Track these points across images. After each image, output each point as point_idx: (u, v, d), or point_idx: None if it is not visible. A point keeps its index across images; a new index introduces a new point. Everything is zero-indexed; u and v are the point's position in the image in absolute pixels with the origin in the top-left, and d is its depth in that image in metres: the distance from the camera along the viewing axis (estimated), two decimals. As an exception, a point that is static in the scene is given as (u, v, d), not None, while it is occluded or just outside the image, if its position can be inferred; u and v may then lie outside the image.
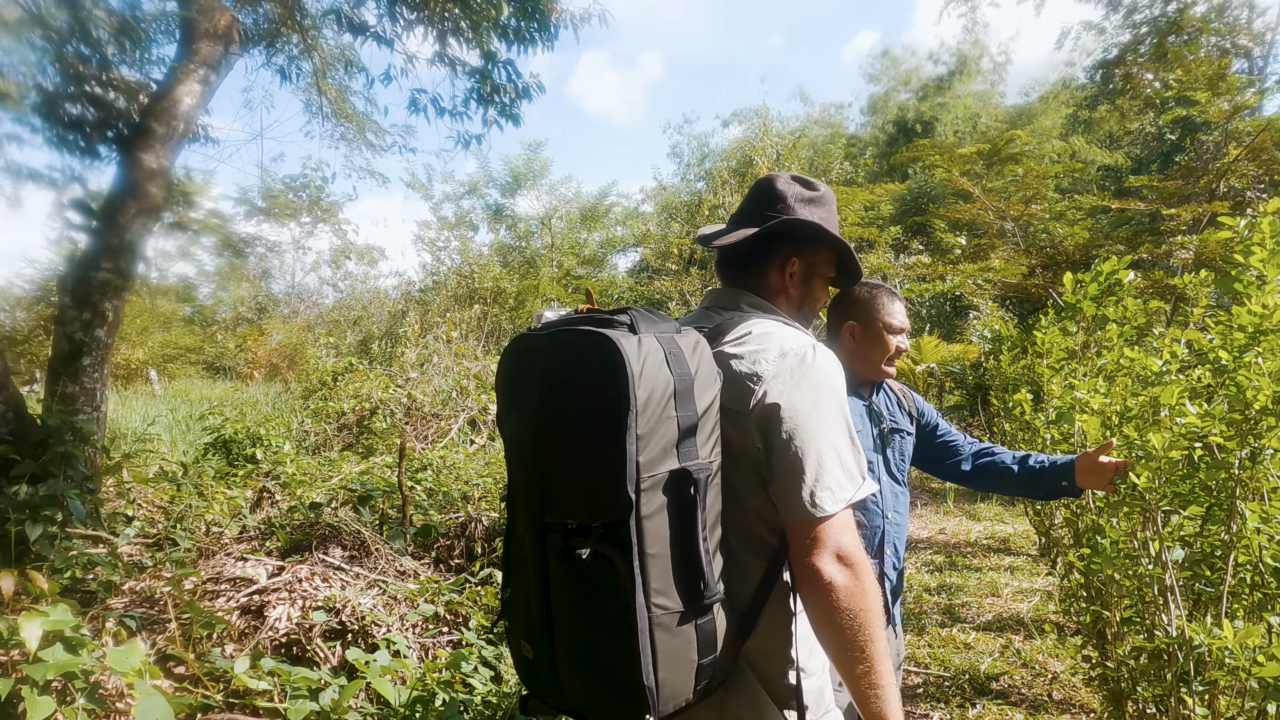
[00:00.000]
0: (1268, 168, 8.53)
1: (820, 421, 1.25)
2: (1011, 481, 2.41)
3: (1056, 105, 27.04)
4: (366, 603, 3.62)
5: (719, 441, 1.23)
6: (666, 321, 1.26)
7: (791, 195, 1.55)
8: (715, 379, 1.24)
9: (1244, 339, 2.28)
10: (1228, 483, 2.20)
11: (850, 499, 1.23)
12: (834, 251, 1.60)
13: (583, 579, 1.15)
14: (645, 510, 1.09)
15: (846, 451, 1.27)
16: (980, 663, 3.93)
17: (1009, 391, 6.62)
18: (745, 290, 1.55)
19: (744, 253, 1.56)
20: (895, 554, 2.33)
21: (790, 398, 1.25)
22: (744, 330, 1.39)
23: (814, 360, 1.31)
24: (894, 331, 2.36)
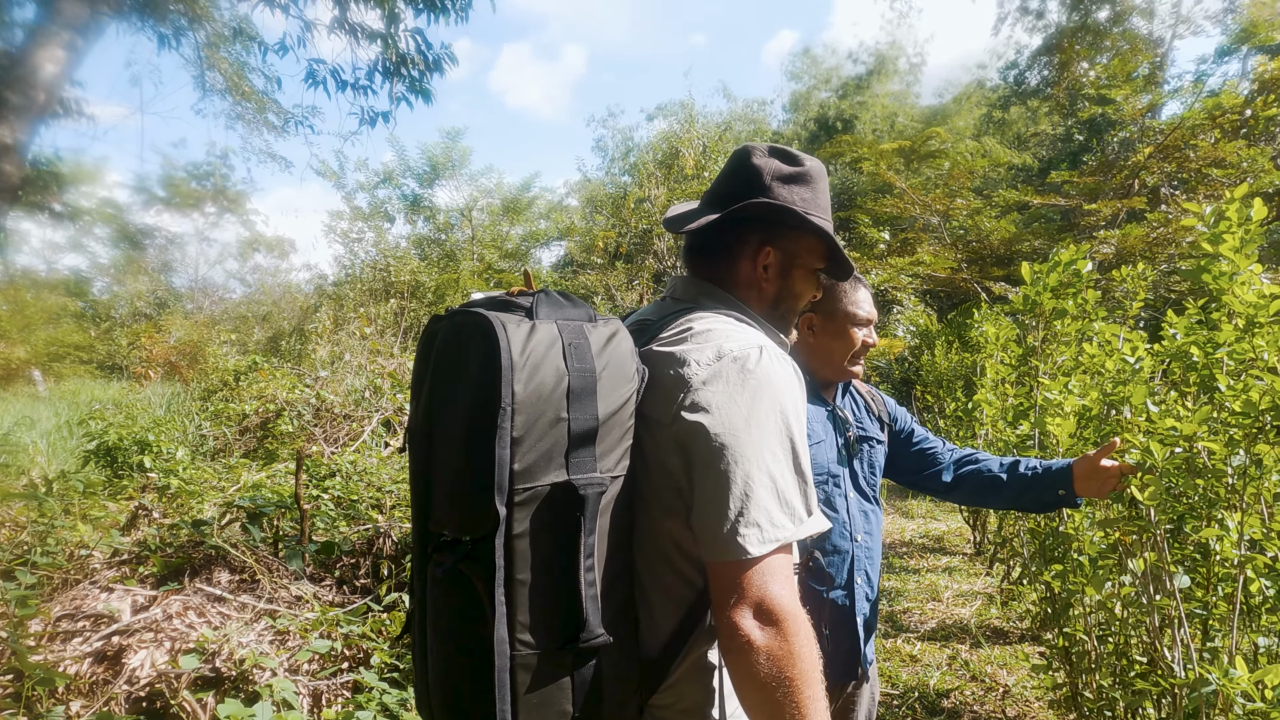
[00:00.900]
0: (1179, 164, 8.75)
1: (755, 440, 1.05)
2: (1001, 493, 2.10)
3: (969, 106, 27.83)
4: (250, 640, 3.14)
5: (629, 454, 1.06)
6: (579, 308, 1.10)
7: (768, 172, 1.32)
8: (630, 379, 1.07)
9: (1235, 332, 2.07)
10: (1225, 494, 1.98)
11: (787, 539, 1.02)
12: (820, 239, 1.36)
13: (446, 603, 1.02)
14: (517, 527, 0.95)
15: (787, 480, 1.07)
16: (929, 677, 3.72)
17: (943, 387, 6.54)
18: (710, 281, 1.35)
19: (711, 240, 1.35)
20: (867, 583, 2.02)
21: (720, 409, 1.05)
22: (683, 326, 1.19)
23: (758, 365, 1.10)
24: (859, 323, 2.05)
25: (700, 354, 1.09)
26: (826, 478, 1.98)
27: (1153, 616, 1.92)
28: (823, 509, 1.98)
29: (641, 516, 1.10)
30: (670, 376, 1.08)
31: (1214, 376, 2.26)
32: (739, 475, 1.01)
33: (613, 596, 1.03)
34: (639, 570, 1.11)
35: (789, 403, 1.09)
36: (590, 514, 0.98)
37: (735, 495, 1.00)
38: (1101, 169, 9.69)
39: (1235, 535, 1.94)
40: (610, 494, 1.02)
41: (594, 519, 0.99)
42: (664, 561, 1.10)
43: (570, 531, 0.98)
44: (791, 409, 1.09)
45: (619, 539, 1.05)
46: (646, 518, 1.10)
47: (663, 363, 1.11)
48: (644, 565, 1.11)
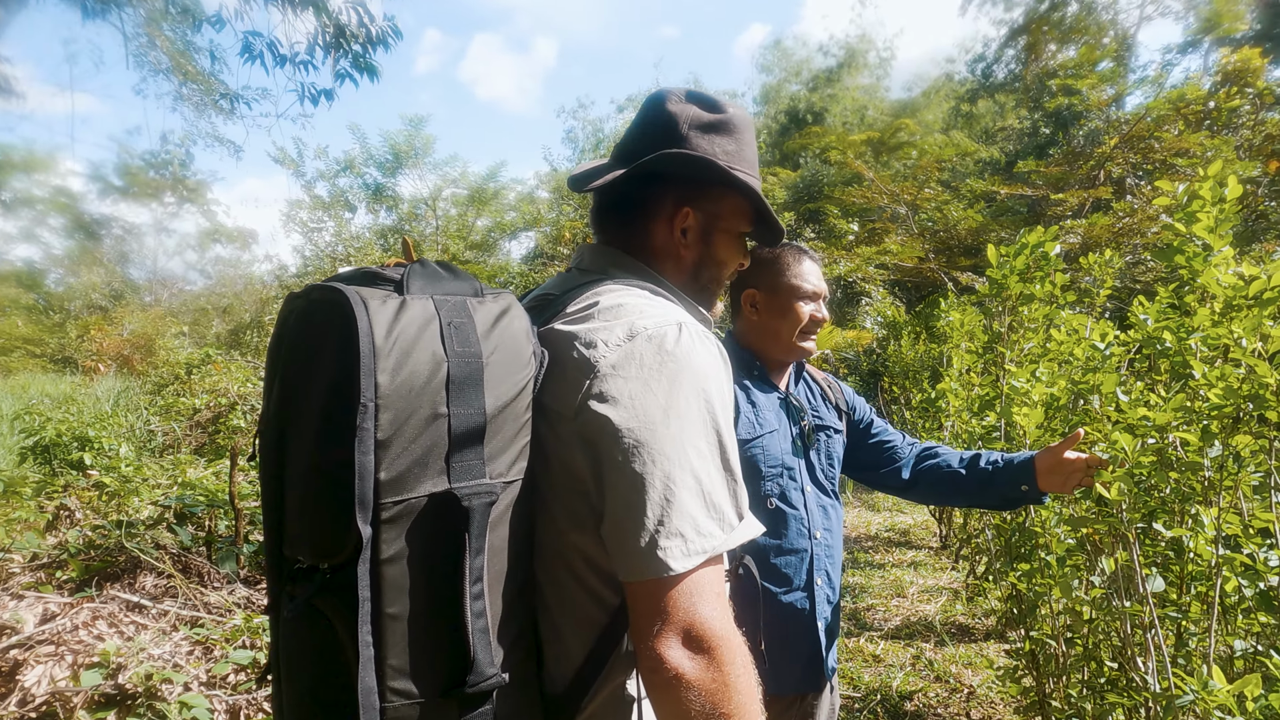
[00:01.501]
0: (1144, 155, 8.74)
1: (675, 435, 0.88)
2: (961, 490, 1.94)
3: (938, 99, 27.95)
4: (165, 651, 2.90)
5: (526, 454, 0.90)
6: (462, 280, 0.93)
7: (684, 119, 1.14)
8: (526, 364, 0.90)
9: (1212, 316, 1.93)
10: (1201, 489, 1.84)
11: (715, 549, 0.87)
12: (747, 197, 1.19)
13: (302, 645, 0.86)
14: (386, 550, 0.78)
15: (714, 480, 0.90)
16: (892, 678, 3.57)
17: (909, 378, 6.43)
18: (621, 249, 1.17)
19: (621, 200, 1.17)
20: (828, 583, 1.86)
21: (633, 399, 0.89)
22: (589, 300, 1.02)
23: (677, 345, 0.93)
24: (805, 297, 1.87)
25: (609, 333, 0.93)
26: (781, 470, 1.81)
27: (1124, 622, 1.76)
28: (779, 505, 1.81)
29: (544, 527, 0.94)
30: (574, 361, 0.92)
31: (1187, 364, 2.13)
32: (657, 477, 0.85)
33: (510, 625, 0.88)
34: (543, 589, 0.96)
35: (714, 389, 0.93)
36: (477, 529, 0.82)
37: (653, 501, 0.84)
38: (1068, 159, 9.68)
39: (1211, 532, 1.80)
40: (504, 503, 0.86)
41: (482, 535, 0.83)
42: (572, 578, 0.94)
43: (454, 551, 0.81)
44: (717, 396, 0.93)
45: (517, 555, 0.89)
46: (550, 528, 0.94)
47: (565, 345, 0.94)
48: (549, 583, 0.95)
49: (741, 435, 1.78)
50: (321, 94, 4.87)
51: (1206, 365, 2.01)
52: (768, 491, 1.80)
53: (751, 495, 1.80)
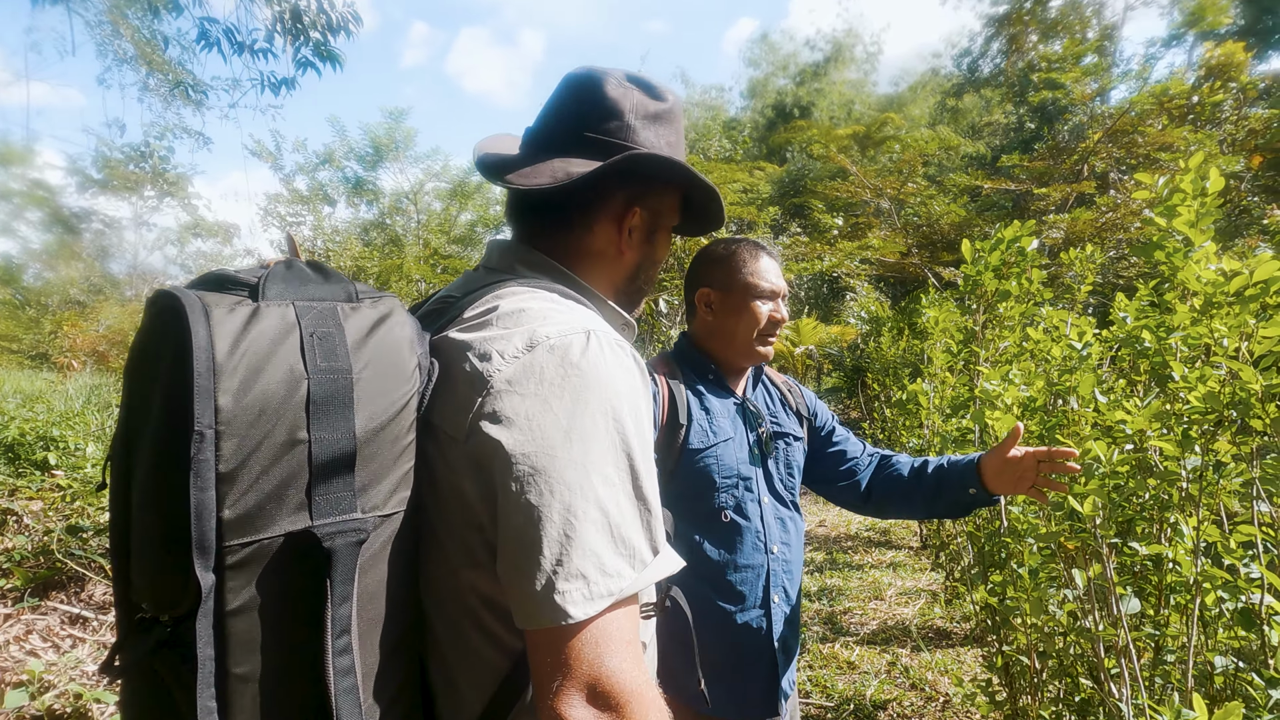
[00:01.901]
0: (1128, 149, 8.68)
1: (578, 460, 0.77)
2: (914, 501, 1.81)
3: (925, 94, 27.95)
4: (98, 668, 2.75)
5: (410, 482, 0.79)
6: (334, 283, 0.80)
7: (630, 108, 1.02)
8: (407, 379, 0.79)
9: (1191, 314, 1.82)
10: (1180, 499, 1.73)
11: (624, 591, 0.75)
12: (681, 188, 1.10)
13: (139, 708, 0.75)
14: (233, 600, 0.68)
15: (624, 511, 0.79)
16: (866, 686, 3.47)
17: (889, 375, 6.33)
18: (541, 247, 1.04)
19: (559, 197, 1.00)
20: (786, 600, 1.74)
21: (529, 419, 0.77)
22: (488, 305, 0.90)
23: (583, 356, 0.82)
24: (762, 296, 1.75)
25: (505, 343, 0.81)
26: (736, 480, 1.69)
27: (1097, 645, 1.65)
28: (733, 517, 1.70)
29: (436, 564, 0.83)
30: (465, 375, 0.80)
31: (1167, 364, 2.02)
32: (555, 509, 0.74)
33: (389, 679, 0.78)
34: (436, 634, 0.85)
35: (626, 406, 0.82)
36: (342, 573, 0.71)
37: (551, 537, 0.73)
38: (1052, 154, 9.61)
39: (1190, 543, 1.69)
40: (379, 540, 0.75)
41: (349, 579, 0.72)
42: (469, 621, 0.83)
43: (317, 599, 0.71)
44: (629, 414, 0.82)
45: (399, 598, 0.79)
46: (442, 566, 0.83)
47: (457, 356, 0.82)
48: (443, 627, 0.85)
49: (694, 444, 1.66)
50: (283, 83, 4.71)
51: (1187, 366, 1.91)
52: (722, 504, 1.68)
53: (706, 508, 1.68)
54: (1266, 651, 1.57)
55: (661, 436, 1.65)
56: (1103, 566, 1.58)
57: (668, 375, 1.73)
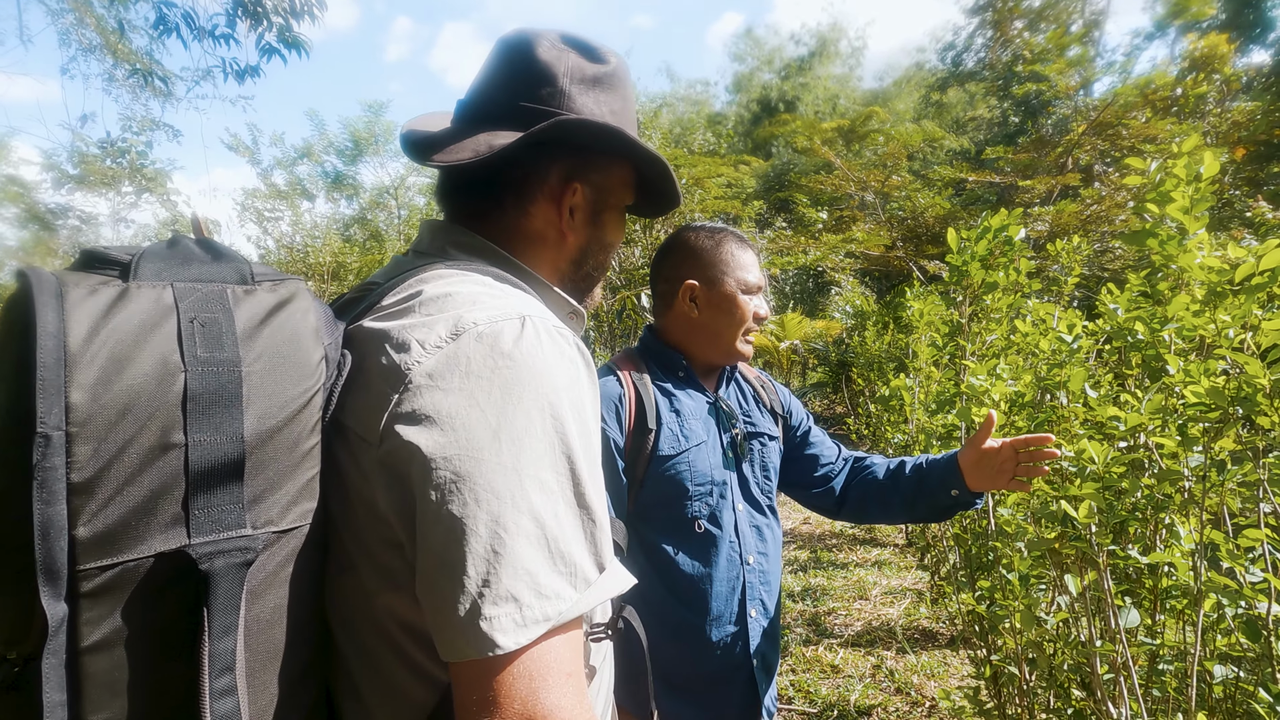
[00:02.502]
0: (1112, 142, 8.63)
1: (508, 465, 0.65)
2: (892, 505, 1.71)
3: (909, 89, 27.97)
4: None
5: (314, 492, 0.67)
6: (227, 263, 0.69)
7: (565, 71, 0.91)
8: (309, 374, 0.67)
9: (1193, 305, 1.71)
10: (1180, 500, 1.63)
11: (563, 615, 0.64)
12: (633, 164, 0.98)
13: None
14: (90, 634, 0.56)
15: (563, 522, 0.67)
16: (850, 691, 3.37)
17: (874, 370, 6.24)
18: (468, 227, 0.92)
19: (486, 173, 0.91)
20: (764, 614, 1.62)
21: (452, 417, 0.66)
22: (411, 290, 0.78)
23: (516, 345, 0.71)
24: (751, 292, 1.64)
25: (426, 332, 0.70)
26: (710, 487, 1.56)
27: (1093, 660, 1.54)
28: (707, 527, 1.57)
29: (349, 586, 0.72)
30: (380, 368, 0.69)
31: (1160, 358, 1.92)
32: (482, 522, 0.62)
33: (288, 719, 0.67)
34: (349, 666, 0.73)
35: (566, 401, 0.70)
36: (223, 600, 0.60)
37: (476, 554, 0.62)
38: (1036, 146, 9.56)
39: (1188, 545, 1.58)
40: (275, 559, 0.65)
41: (231, 608, 0.61)
42: (388, 651, 0.72)
43: (180, 635, 0.60)
44: (570, 410, 0.71)
45: (300, 625, 0.68)
46: (356, 588, 0.71)
47: (373, 347, 0.71)
48: (357, 658, 0.73)
49: (665, 450, 1.53)
50: (247, 70, 4.54)
51: (1181, 359, 1.80)
52: (695, 513, 1.55)
53: (678, 517, 1.55)
54: (1274, 664, 1.46)
55: (629, 442, 1.53)
56: (1099, 575, 1.46)
57: (634, 375, 1.60)
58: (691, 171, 12.29)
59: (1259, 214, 6.35)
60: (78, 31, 7.07)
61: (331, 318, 0.74)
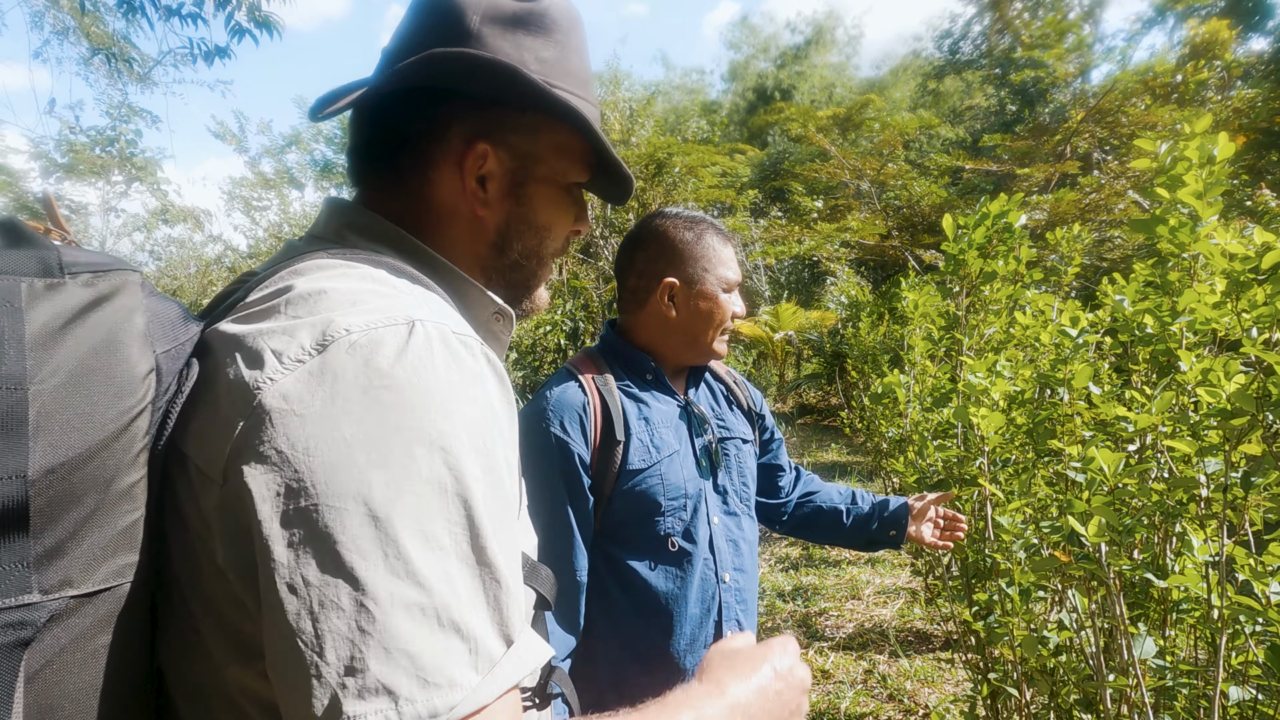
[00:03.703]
0: (1111, 130, 8.48)
1: (381, 514, 0.50)
2: (839, 532, 1.79)
3: (906, 78, 27.77)
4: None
5: (135, 542, 0.53)
6: (27, 251, 0.53)
7: (476, 7, 0.75)
8: (126, 391, 0.52)
9: (1213, 296, 1.56)
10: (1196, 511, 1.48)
11: (458, 709, 0.48)
12: (580, 131, 0.80)
13: None
14: None
15: (457, 586, 0.52)
16: (841, 698, 3.23)
17: (868, 362, 6.08)
18: (372, 204, 0.78)
19: (383, 132, 0.77)
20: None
21: (309, 453, 0.50)
22: (280, 284, 0.62)
23: (399, 360, 0.55)
24: (731, 289, 1.51)
25: (286, 340, 0.55)
26: (684, 501, 1.42)
27: (1103, 693, 1.40)
28: (681, 544, 1.42)
29: (195, 655, 0.57)
30: (229, 385, 0.54)
31: (1170, 353, 1.78)
32: (344, 592, 0.48)
33: None
34: None
35: (463, 431, 0.55)
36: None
37: (336, 634, 0.47)
38: (1034, 133, 9.41)
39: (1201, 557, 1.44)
40: (74, 630, 0.50)
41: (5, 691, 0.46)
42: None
43: None
44: (469, 442, 0.55)
45: (116, 710, 0.53)
46: (201, 660, 0.57)
47: (223, 357, 0.57)
48: None
49: (635, 464, 1.38)
50: (217, 52, 4.36)
51: (1196, 356, 1.66)
52: (668, 530, 1.40)
53: (649, 535, 1.40)
54: (1300, 694, 1.33)
55: (595, 457, 1.38)
56: (1109, 597, 1.32)
57: (597, 379, 1.44)
58: (685, 160, 12.12)
59: (1261, 202, 6.21)
60: (51, 13, 6.85)
61: (178, 318, 0.59)
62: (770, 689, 0.71)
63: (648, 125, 13.06)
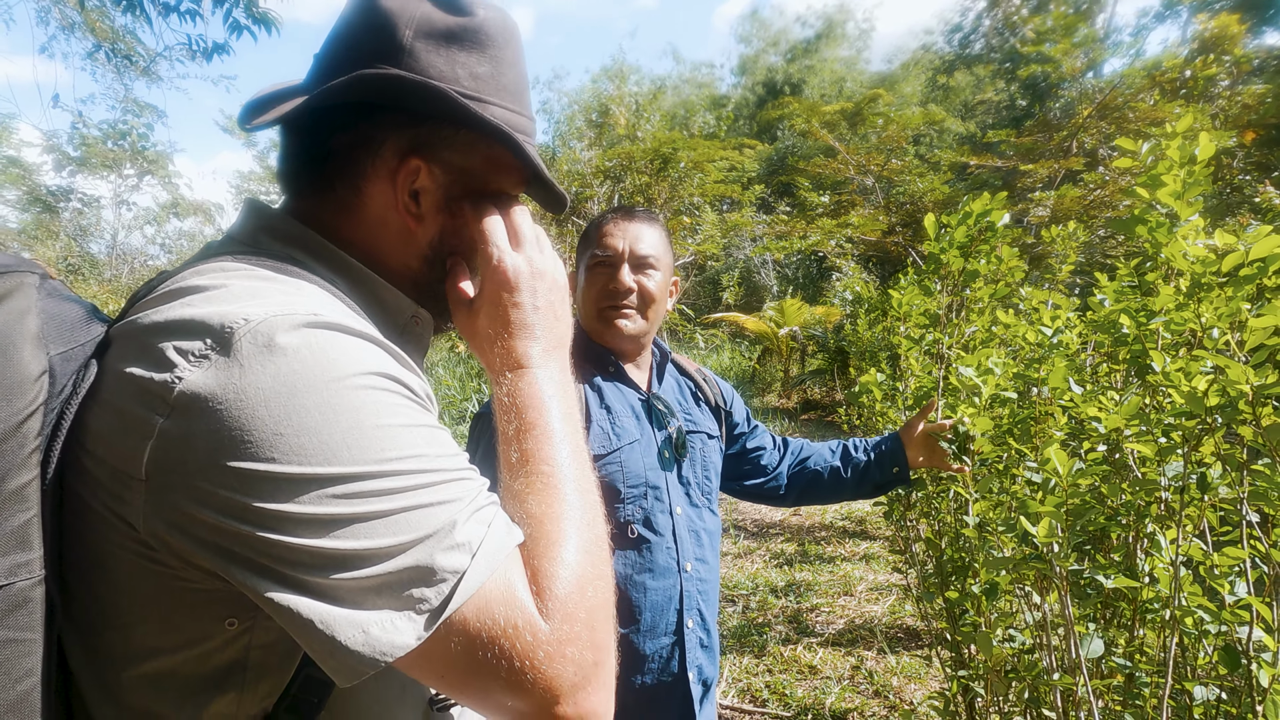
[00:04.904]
0: (1119, 125, 8.41)
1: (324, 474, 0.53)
2: (843, 487, 1.82)
3: (917, 72, 27.59)
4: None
5: (31, 540, 0.54)
6: None
7: (408, 22, 0.76)
8: (16, 392, 0.54)
9: (1176, 298, 1.57)
10: (1157, 511, 1.49)
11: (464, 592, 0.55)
12: (502, 144, 0.80)
13: None
14: None
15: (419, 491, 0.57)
16: (827, 693, 3.25)
17: (866, 360, 6.07)
18: (298, 210, 0.79)
19: (312, 145, 0.78)
20: (701, 625, 1.52)
21: (241, 442, 0.53)
22: (182, 283, 0.63)
23: (298, 341, 0.57)
24: (602, 262, 1.52)
25: (189, 340, 0.56)
26: (644, 489, 1.46)
27: (1055, 695, 1.41)
28: (641, 531, 1.46)
29: (121, 657, 0.59)
30: (135, 384, 0.56)
31: (1147, 353, 1.78)
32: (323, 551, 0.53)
33: None
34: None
35: (374, 379, 0.59)
36: None
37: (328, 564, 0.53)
38: (1041, 129, 9.33)
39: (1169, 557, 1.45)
40: None
41: None
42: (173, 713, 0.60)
43: None
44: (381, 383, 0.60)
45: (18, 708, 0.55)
46: (136, 658, 0.59)
47: (126, 355, 0.58)
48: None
49: (595, 450, 1.42)
50: (216, 48, 4.39)
51: (1169, 356, 1.66)
52: (628, 517, 1.45)
53: (610, 523, 1.48)
54: (1254, 694, 1.33)
55: None
56: (1062, 598, 1.33)
57: None
58: (690, 155, 12.09)
59: (1266, 199, 6.16)
60: (56, 9, 6.90)
61: (78, 319, 0.61)
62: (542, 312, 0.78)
63: (654, 119, 13.05)
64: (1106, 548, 2.04)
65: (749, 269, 18.75)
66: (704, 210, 13.66)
